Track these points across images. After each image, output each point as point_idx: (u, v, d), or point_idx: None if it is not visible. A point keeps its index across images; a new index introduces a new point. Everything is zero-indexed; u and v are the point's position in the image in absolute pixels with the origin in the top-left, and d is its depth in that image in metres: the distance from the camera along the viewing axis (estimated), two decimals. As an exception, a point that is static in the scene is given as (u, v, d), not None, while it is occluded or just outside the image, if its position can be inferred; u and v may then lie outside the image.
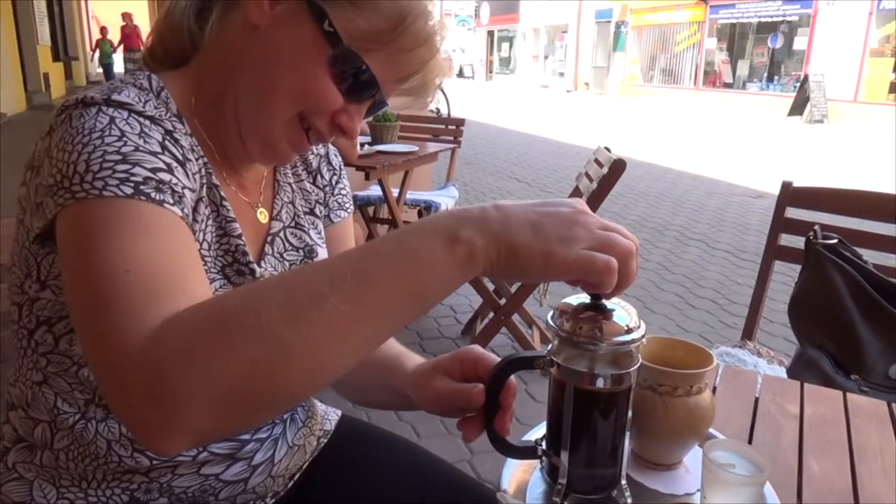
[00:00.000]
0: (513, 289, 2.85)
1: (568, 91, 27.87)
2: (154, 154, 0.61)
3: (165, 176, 0.60)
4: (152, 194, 0.58)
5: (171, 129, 0.66)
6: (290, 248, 0.83)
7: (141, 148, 0.60)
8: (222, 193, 0.72)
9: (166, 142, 0.64)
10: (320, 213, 0.89)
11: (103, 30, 18.49)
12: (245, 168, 0.80)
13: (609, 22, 25.96)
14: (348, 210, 0.93)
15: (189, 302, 0.51)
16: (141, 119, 0.63)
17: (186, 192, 0.63)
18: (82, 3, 23.76)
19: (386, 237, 0.53)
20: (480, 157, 9.25)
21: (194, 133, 0.72)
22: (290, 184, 0.86)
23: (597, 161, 2.76)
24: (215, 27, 0.73)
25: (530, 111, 17.73)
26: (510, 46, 35.66)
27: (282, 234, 0.82)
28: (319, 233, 0.88)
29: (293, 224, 0.84)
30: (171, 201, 0.59)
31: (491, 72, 37.42)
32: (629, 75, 25.13)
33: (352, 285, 0.49)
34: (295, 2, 0.68)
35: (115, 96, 0.64)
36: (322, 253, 0.87)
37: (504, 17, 34.55)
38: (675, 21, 22.75)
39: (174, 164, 0.62)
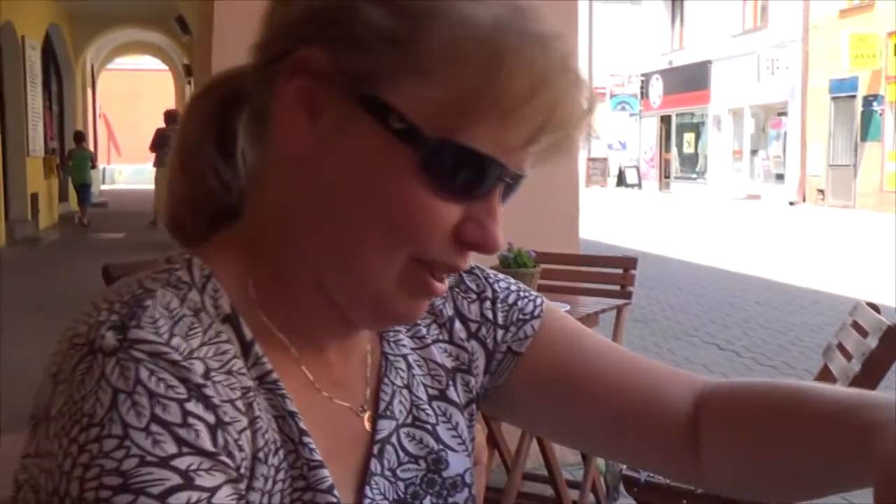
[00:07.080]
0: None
1: (791, 203, 27.77)
2: (167, 462, 0.62)
3: (184, 496, 0.62)
4: None
5: (205, 371, 0.67)
6: (407, 458, 0.82)
7: (149, 456, 0.62)
8: (301, 425, 0.73)
9: (191, 406, 0.65)
10: (460, 388, 0.88)
11: (78, 135, 18.78)
12: (336, 350, 0.81)
13: (853, 97, 26.10)
14: (538, 315, 0.91)
15: None
16: (162, 374, 0.64)
17: (227, 480, 0.65)
18: (88, 98, 26.60)
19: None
20: (656, 310, 9.23)
21: (256, 334, 0.73)
22: (404, 357, 0.86)
23: (856, 326, 2.66)
24: (248, 160, 0.78)
25: (733, 236, 17.70)
26: (696, 138, 36.37)
27: (394, 438, 0.82)
28: (454, 426, 0.87)
29: (409, 421, 0.84)
30: None
31: (667, 177, 38.05)
32: (890, 177, 24.75)
33: None
34: (342, 104, 0.71)
35: (132, 332, 0.66)
36: (456, 461, 0.85)
37: (687, 95, 35.34)
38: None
39: (208, 445, 0.64)
